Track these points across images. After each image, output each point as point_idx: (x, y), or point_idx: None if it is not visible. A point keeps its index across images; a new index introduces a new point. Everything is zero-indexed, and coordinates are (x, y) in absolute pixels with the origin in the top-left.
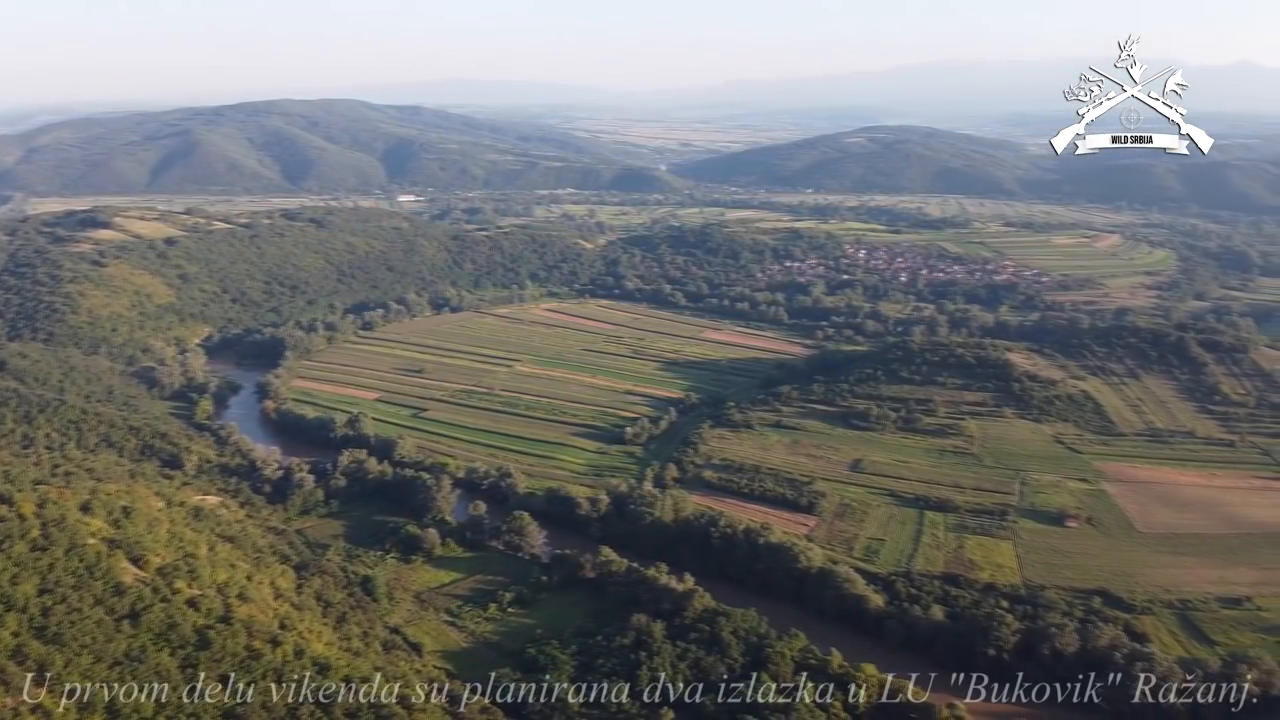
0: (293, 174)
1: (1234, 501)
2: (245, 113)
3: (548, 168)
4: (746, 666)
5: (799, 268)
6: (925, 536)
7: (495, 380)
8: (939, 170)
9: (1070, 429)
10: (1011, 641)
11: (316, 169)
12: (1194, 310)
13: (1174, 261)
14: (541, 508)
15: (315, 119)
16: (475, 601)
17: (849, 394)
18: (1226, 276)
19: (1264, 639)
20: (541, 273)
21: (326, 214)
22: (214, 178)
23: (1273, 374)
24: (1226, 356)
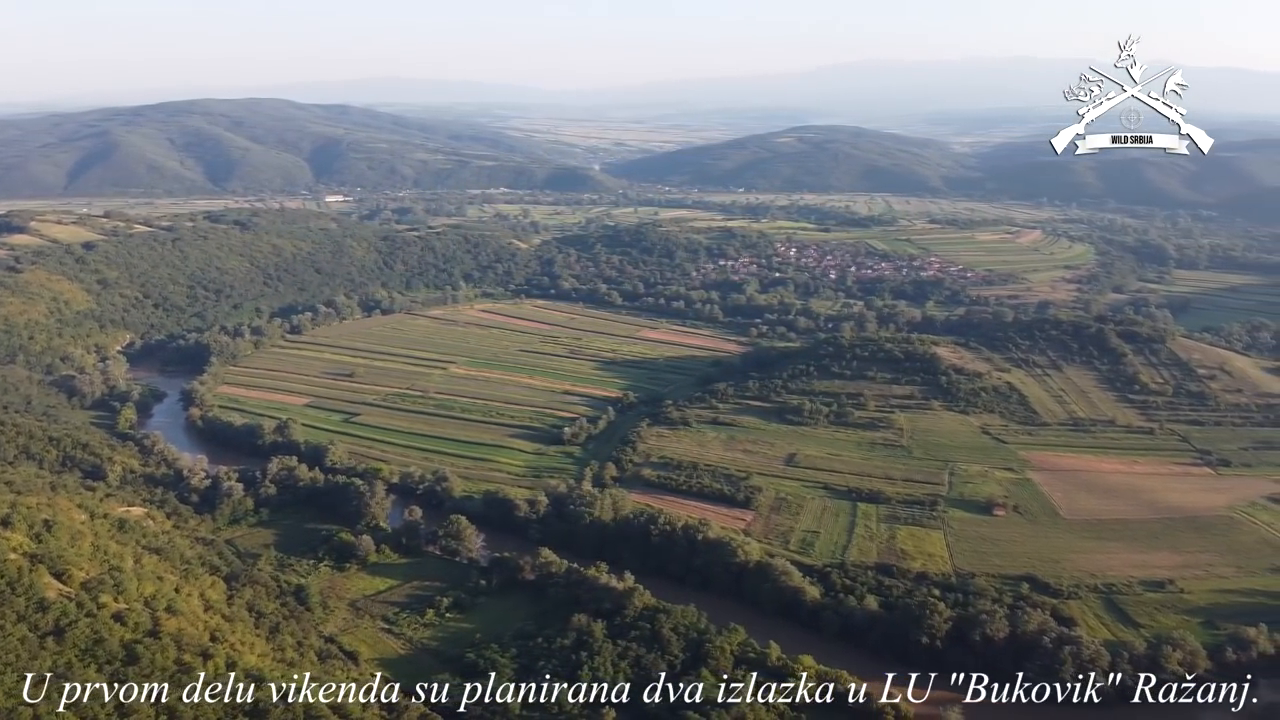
0: (216, 175)
1: (1154, 487)
2: (166, 113)
3: (480, 167)
4: (687, 663)
5: (733, 266)
6: (859, 528)
7: (429, 383)
8: (866, 169)
9: (996, 420)
10: (944, 629)
11: (241, 170)
12: (1113, 303)
13: (1093, 256)
14: (479, 511)
15: (239, 118)
16: (412, 608)
17: (783, 390)
18: (1144, 270)
19: (1187, 621)
20: (475, 273)
21: (252, 216)
22: (134, 180)
23: (1189, 363)
24: (1144, 347)
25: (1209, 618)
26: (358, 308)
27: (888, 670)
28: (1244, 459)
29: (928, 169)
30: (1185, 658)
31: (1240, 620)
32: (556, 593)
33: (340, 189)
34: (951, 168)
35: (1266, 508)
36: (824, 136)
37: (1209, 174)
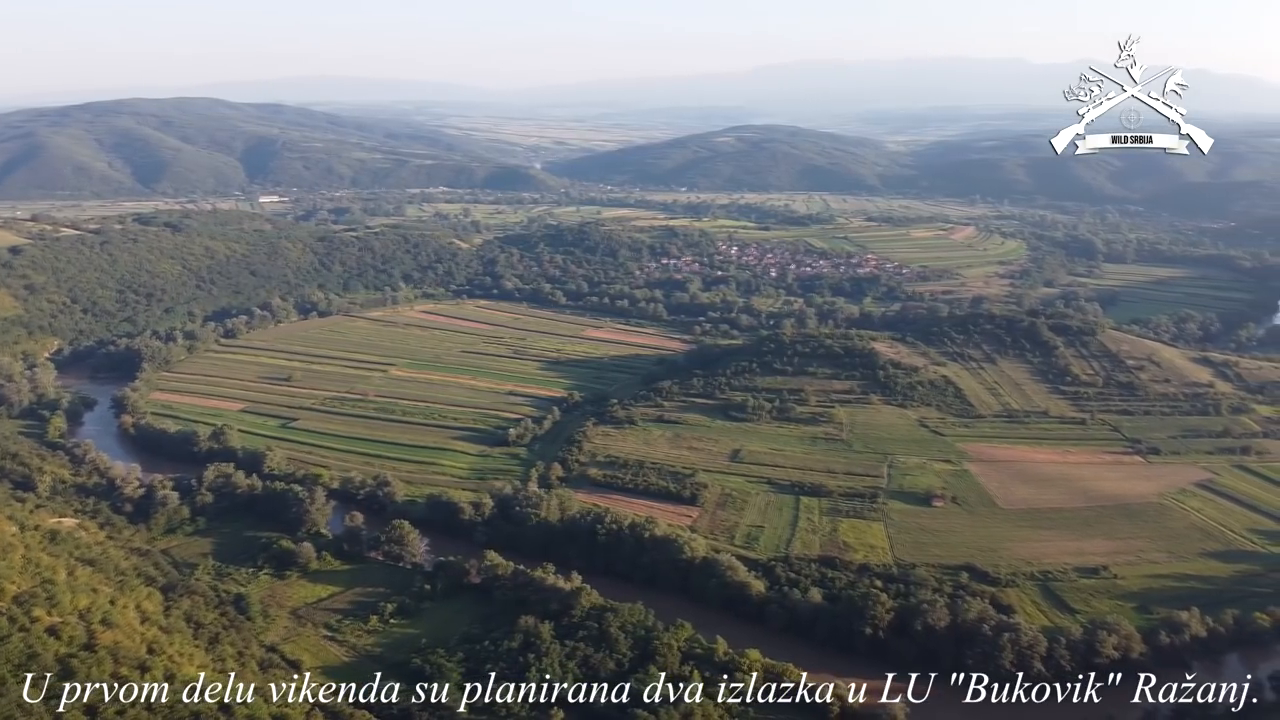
0: (146, 176)
1: (1087, 476)
2: (93, 113)
3: (418, 166)
4: (635, 660)
5: (676, 265)
6: (802, 521)
7: (369, 386)
8: (804, 168)
9: (933, 413)
10: (886, 620)
11: (171, 171)
12: (1044, 297)
13: (1025, 251)
14: (423, 515)
15: (169, 118)
16: (355, 615)
17: (727, 387)
18: (1074, 264)
19: (1121, 606)
20: (415, 273)
21: (183, 217)
22: (60, 181)
23: (1118, 355)
24: (1075, 339)
25: (1143, 602)
26: (294, 310)
27: (833, 661)
28: (1173, 447)
29: (864, 168)
30: (1120, 642)
31: (1173, 604)
32: (503, 595)
33: (275, 189)
34: (887, 166)
35: (1195, 494)
36: (763, 136)
37: (1135, 170)
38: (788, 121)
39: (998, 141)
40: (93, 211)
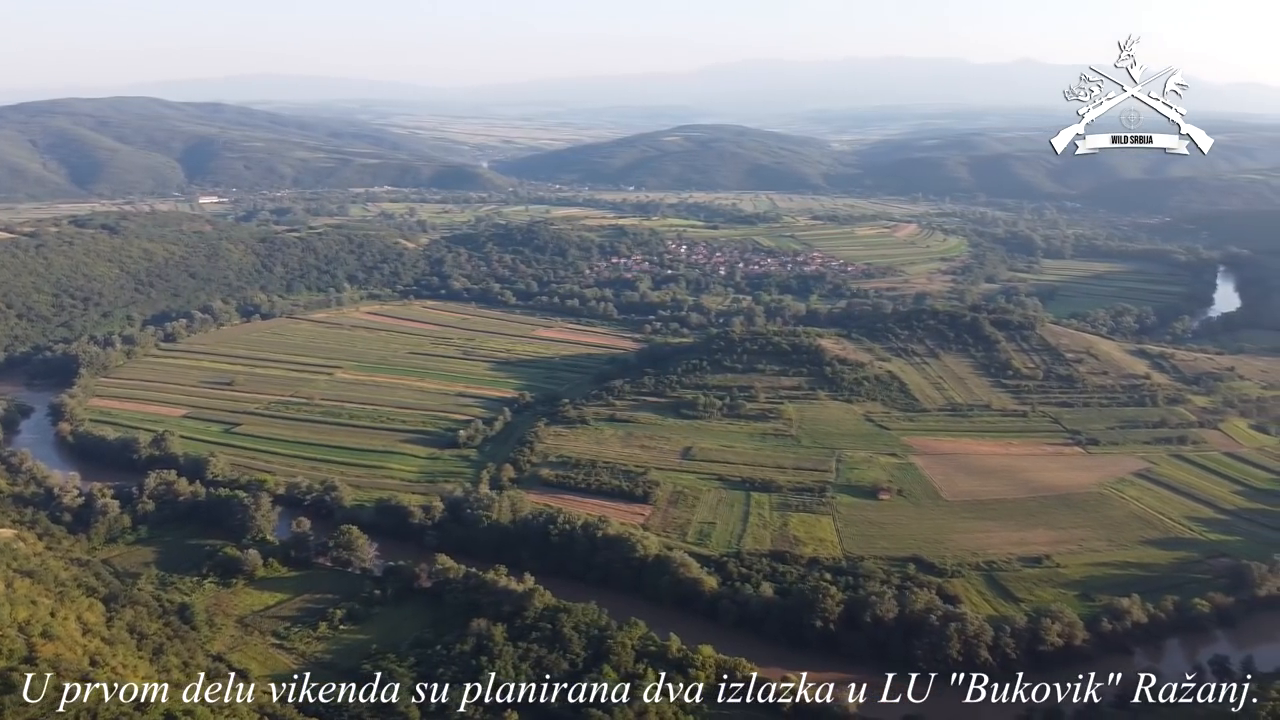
0: (82, 178)
1: (1029, 467)
2: (27, 113)
3: (363, 165)
4: (589, 660)
5: (625, 264)
6: (753, 517)
7: (314, 389)
8: (751, 167)
9: (879, 407)
10: (836, 612)
11: (108, 172)
12: (986, 292)
13: (966, 248)
14: (371, 520)
15: (105, 118)
16: (304, 622)
17: (678, 385)
18: (1014, 260)
19: (1063, 594)
20: (360, 274)
21: (121, 219)
22: None
23: (1058, 348)
24: (1016, 334)
25: (1084, 590)
26: (236, 313)
27: (785, 655)
28: (1111, 437)
29: (809, 167)
30: (1064, 630)
31: (1114, 592)
32: (454, 598)
33: (215, 190)
34: (831, 165)
35: (1134, 483)
36: (710, 135)
37: (1072, 167)
38: (734, 121)
39: (939, 140)
40: (27, 214)
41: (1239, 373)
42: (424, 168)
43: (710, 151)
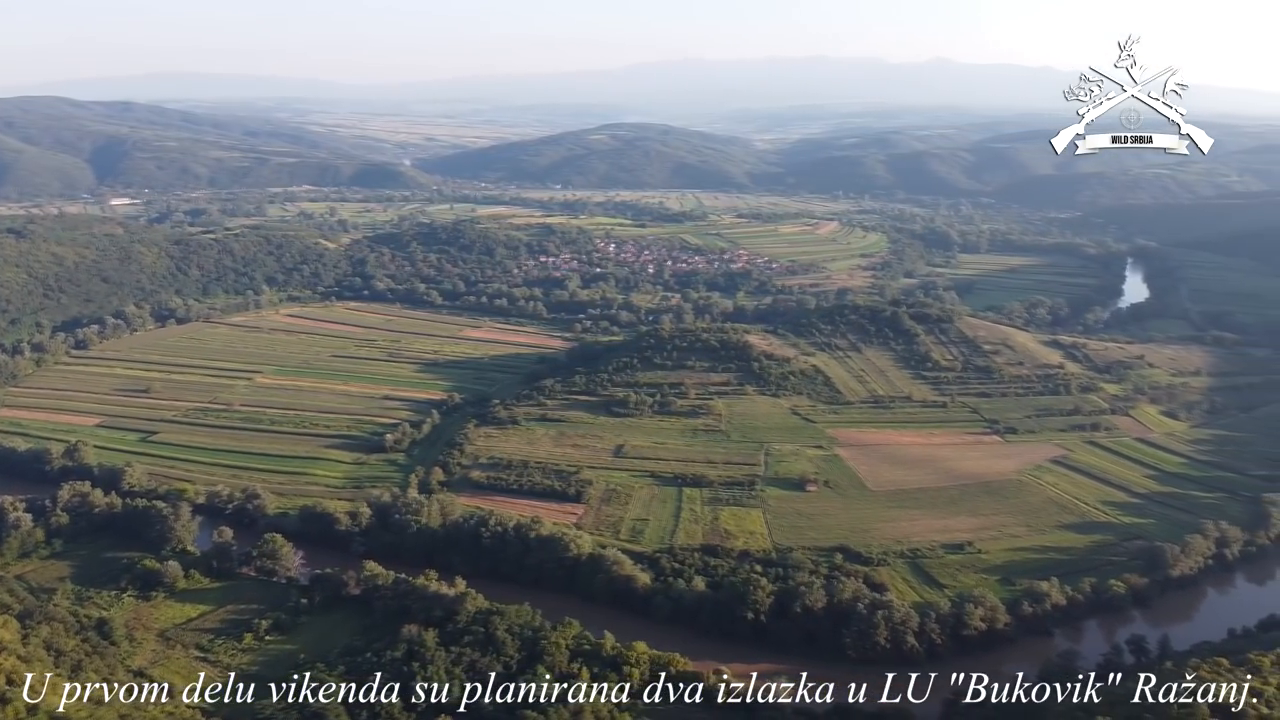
0: None
1: (950, 456)
2: None
3: (280, 164)
4: (523, 662)
5: (554, 262)
6: (684, 512)
7: (234, 395)
8: (676, 166)
9: (804, 401)
10: (767, 604)
11: (13, 174)
12: (905, 287)
13: (886, 244)
14: (296, 527)
15: (9, 118)
16: (229, 633)
17: (609, 383)
18: (932, 255)
19: (985, 579)
20: (280, 276)
21: (27, 223)
22: None
23: (975, 340)
24: (935, 327)
25: (1006, 575)
26: (150, 318)
27: (717, 648)
28: (1028, 426)
29: (733, 166)
30: (987, 614)
31: (1034, 575)
32: (384, 605)
33: (127, 191)
34: (755, 164)
35: (1050, 470)
36: (636, 134)
37: (987, 164)
38: (660, 120)
39: (858, 139)
40: None
41: (1148, 361)
42: (344, 166)
43: (637, 150)
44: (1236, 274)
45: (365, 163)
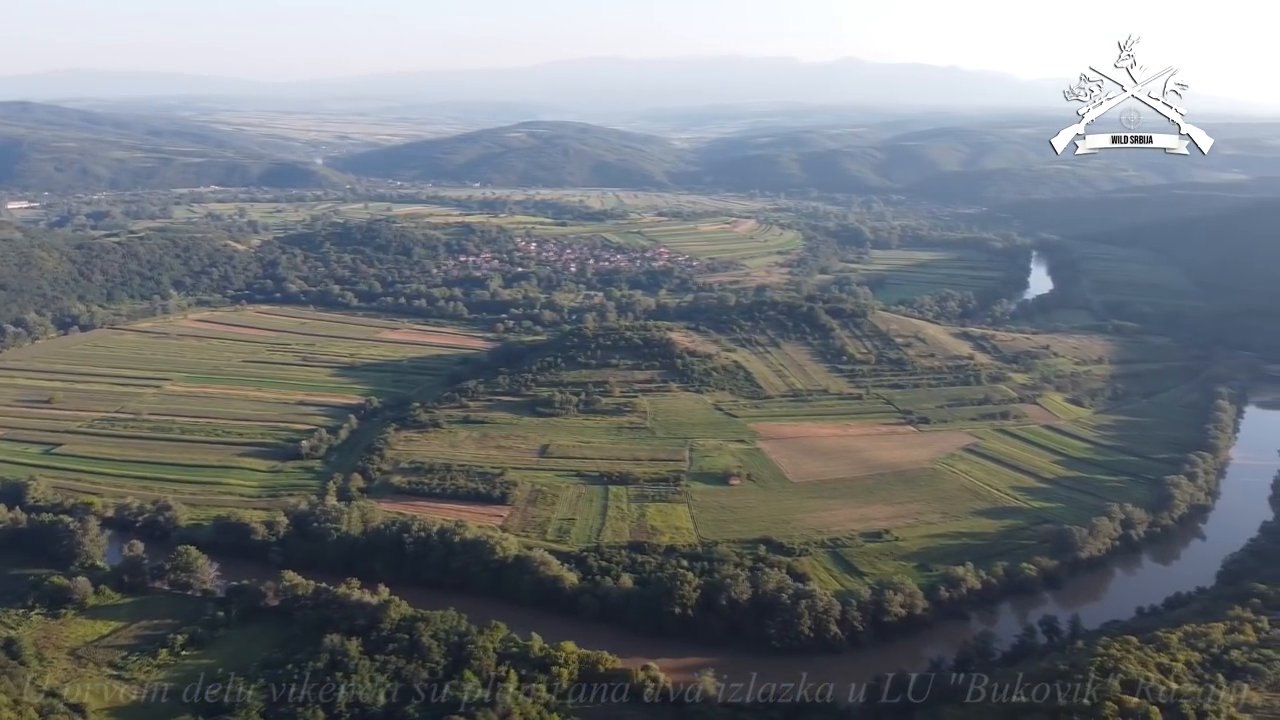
0: None
1: (866, 447)
2: None
3: (186, 164)
4: (450, 667)
5: (474, 262)
6: (611, 510)
7: (142, 404)
8: (596, 164)
9: (727, 396)
10: (693, 598)
11: None
12: (820, 283)
13: (801, 241)
14: (210, 539)
15: None
16: (143, 649)
17: (533, 383)
18: (845, 251)
19: (903, 566)
20: (188, 280)
21: None
22: None
23: (888, 334)
24: (849, 322)
25: (923, 561)
26: (52, 325)
27: (645, 644)
28: (940, 416)
29: (652, 164)
30: (906, 600)
31: (949, 561)
32: (305, 615)
33: (24, 194)
34: (673, 163)
35: (963, 458)
36: (554, 132)
37: (897, 161)
38: (577, 118)
39: (773, 138)
40: None
41: (1053, 350)
42: (253, 165)
43: (555, 148)
44: (1135, 265)
45: (275, 162)
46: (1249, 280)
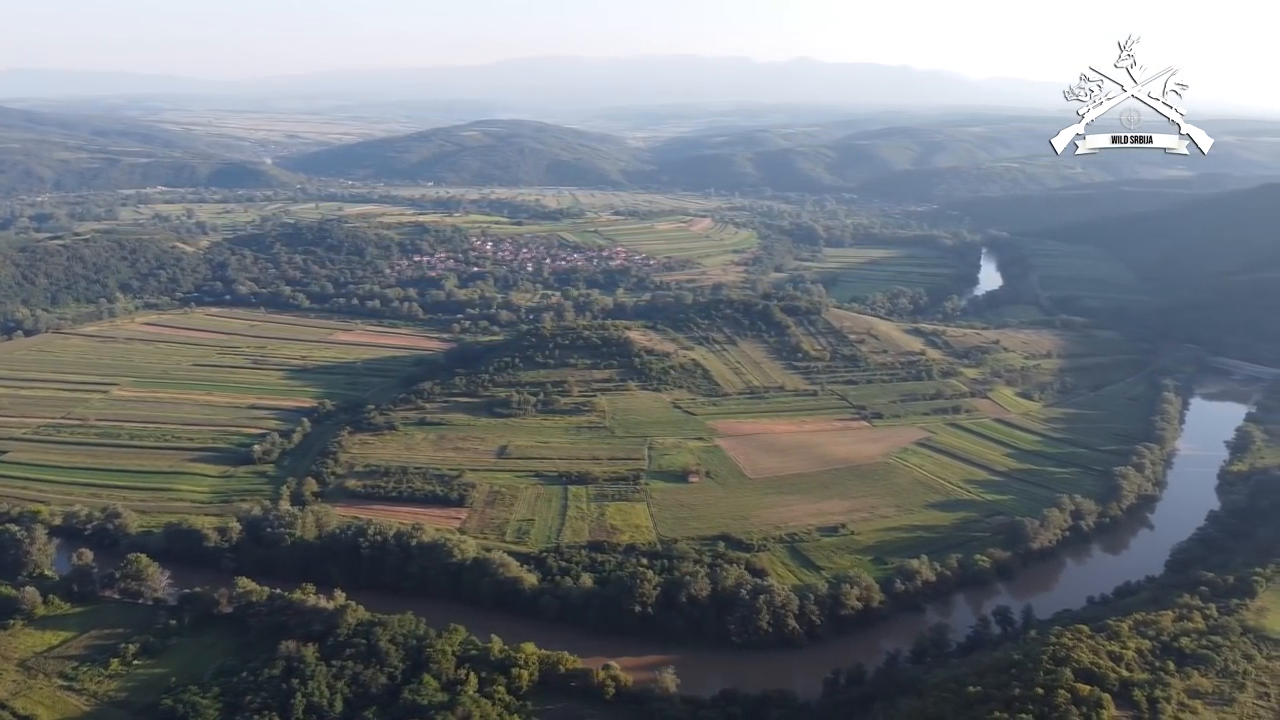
0: None
1: (822, 443)
2: None
3: (132, 164)
4: (408, 671)
5: (429, 262)
6: (571, 510)
7: (89, 409)
8: (551, 163)
9: (685, 394)
10: (654, 596)
11: None
12: (775, 281)
13: (756, 240)
14: (161, 546)
15: None
16: (94, 660)
17: (490, 383)
18: (799, 249)
19: (859, 559)
20: (135, 282)
21: None
22: None
23: (842, 331)
24: (804, 319)
25: (878, 554)
26: None
27: (606, 643)
28: (894, 411)
29: (608, 163)
30: (862, 593)
31: (904, 554)
32: (260, 622)
33: None
34: (629, 162)
35: (916, 452)
36: (509, 131)
37: (849, 161)
38: (532, 116)
39: (728, 137)
40: None
41: (1003, 345)
42: (201, 166)
43: (510, 147)
44: (1082, 260)
45: (224, 162)
46: (1193, 275)
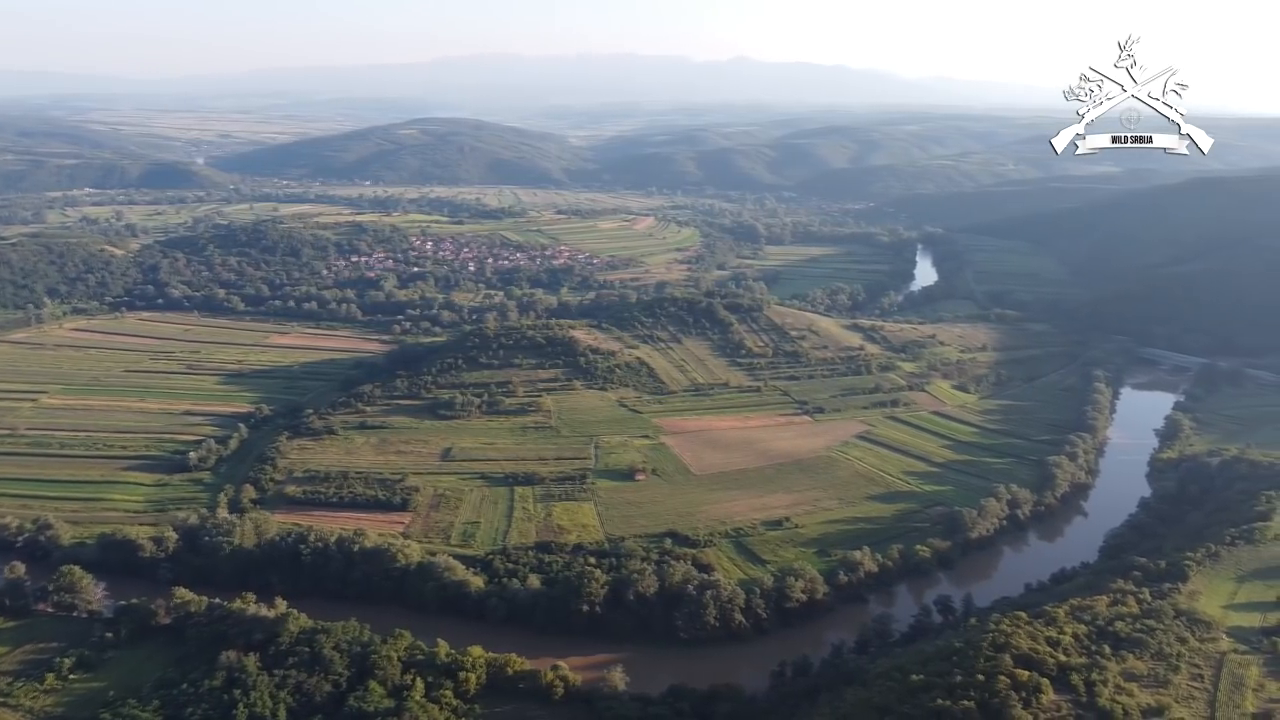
0: None
1: (766, 438)
2: None
3: (59, 166)
4: (354, 678)
5: (367, 262)
6: (517, 511)
7: (17, 418)
8: (492, 162)
9: (630, 393)
10: (601, 594)
11: None
12: (718, 279)
13: (698, 238)
14: (96, 557)
15: None
16: (28, 675)
17: (433, 385)
18: (741, 247)
19: (804, 552)
20: (62, 287)
21: None
22: None
23: (784, 327)
24: (747, 316)
25: (822, 547)
26: None
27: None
28: (834, 405)
29: (549, 162)
30: (807, 585)
31: (847, 546)
32: (198, 633)
33: None
34: (571, 160)
35: (856, 445)
36: (447, 129)
37: (788, 159)
38: (471, 115)
39: (669, 136)
40: None
41: (940, 339)
42: (130, 167)
43: (449, 145)
44: (1015, 255)
45: (154, 162)
46: (1120, 268)
